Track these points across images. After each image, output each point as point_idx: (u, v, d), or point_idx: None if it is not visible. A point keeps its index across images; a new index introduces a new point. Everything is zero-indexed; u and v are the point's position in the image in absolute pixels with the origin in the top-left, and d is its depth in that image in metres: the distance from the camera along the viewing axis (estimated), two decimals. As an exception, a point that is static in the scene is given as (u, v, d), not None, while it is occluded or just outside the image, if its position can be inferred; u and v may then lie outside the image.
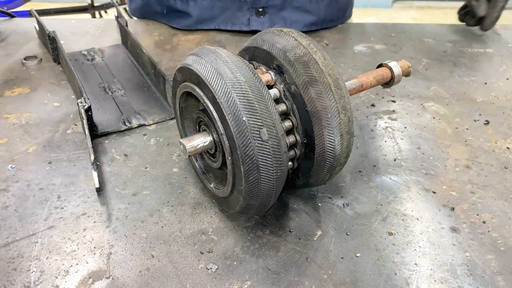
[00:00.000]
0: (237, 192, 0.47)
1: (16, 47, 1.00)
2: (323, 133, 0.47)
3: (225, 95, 0.43)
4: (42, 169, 0.62)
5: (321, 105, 0.47)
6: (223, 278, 0.47)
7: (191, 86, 0.48)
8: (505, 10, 1.01)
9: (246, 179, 0.44)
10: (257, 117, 0.43)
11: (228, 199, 0.51)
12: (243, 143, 0.42)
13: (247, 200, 0.47)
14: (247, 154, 0.43)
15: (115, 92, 0.82)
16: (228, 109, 0.43)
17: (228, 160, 0.46)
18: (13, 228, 0.53)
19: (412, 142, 0.70)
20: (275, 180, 0.45)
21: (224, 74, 0.44)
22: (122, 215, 0.55)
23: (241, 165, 0.43)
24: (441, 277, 0.47)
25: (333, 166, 0.50)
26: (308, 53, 0.48)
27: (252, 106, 0.43)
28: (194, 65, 0.47)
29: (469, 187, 0.60)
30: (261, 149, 0.43)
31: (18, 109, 0.76)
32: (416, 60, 0.97)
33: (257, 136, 0.43)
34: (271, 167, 0.44)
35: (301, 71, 0.47)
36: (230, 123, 0.43)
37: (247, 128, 0.42)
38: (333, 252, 0.50)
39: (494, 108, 0.79)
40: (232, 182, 0.47)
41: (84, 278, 0.47)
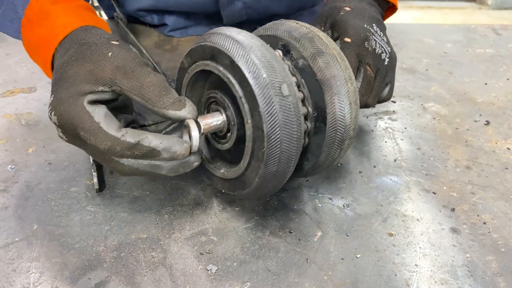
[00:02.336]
0: (256, 160, 0.46)
1: (16, 47, 1.00)
2: (334, 101, 0.48)
3: (243, 57, 0.44)
4: (42, 170, 0.62)
5: (330, 74, 0.48)
6: (223, 279, 0.47)
7: (203, 63, 0.49)
8: (505, 10, 1.00)
9: (268, 138, 0.44)
10: (276, 74, 0.44)
11: (243, 177, 0.49)
12: (265, 100, 0.43)
13: (267, 166, 0.46)
14: (269, 111, 0.43)
15: None
16: (247, 68, 0.44)
17: (247, 125, 0.45)
18: (13, 229, 0.53)
19: (413, 142, 0.70)
20: (295, 140, 0.45)
21: (240, 40, 0.46)
22: (122, 215, 0.55)
23: (263, 124, 0.43)
24: (441, 278, 0.47)
25: (343, 139, 0.50)
26: (312, 31, 0.51)
27: (270, 64, 0.44)
28: (207, 41, 0.48)
29: (470, 188, 0.60)
30: (282, 105, 0.44)
31: (18, 110, 0.76)
32: (416, 60, 0.97)
33: (278, 92, 0.44)
34: (293, 125, 0.44)
35: (308, 45, 0.49)
36: (251, 81, 0.43)
37: (268, 84, 0.43)
38: (333, 253, 0.50)
39: (494, 109, 0.79)
40: (251, 149, 0.46)
41: (84, 278, 0.47)
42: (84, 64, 0.47)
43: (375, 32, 0.62)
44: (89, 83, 0.46)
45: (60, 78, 0.48)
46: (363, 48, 0.60)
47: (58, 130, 0.48)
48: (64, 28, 0.53)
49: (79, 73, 0.47)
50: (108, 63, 0.47)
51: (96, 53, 0.48)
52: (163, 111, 0.46)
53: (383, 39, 0.63)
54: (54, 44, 0.53)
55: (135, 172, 0.47)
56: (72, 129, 0.46)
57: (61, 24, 0.53)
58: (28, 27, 0.57)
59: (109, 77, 0.46)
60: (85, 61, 0.47)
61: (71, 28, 0.52)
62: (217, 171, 0.54)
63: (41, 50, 0.55)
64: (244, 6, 0.93)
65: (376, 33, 0.62)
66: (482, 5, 4.34)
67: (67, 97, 0.46)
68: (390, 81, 0.64)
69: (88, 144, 0.46)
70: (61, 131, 0.48)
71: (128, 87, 0.46)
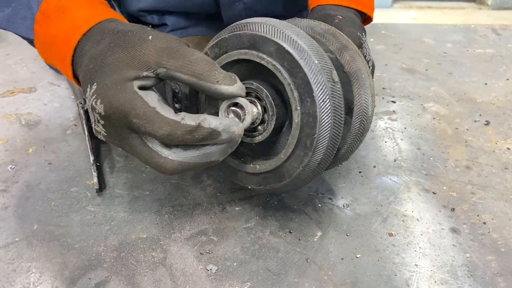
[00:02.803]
0: (302, 148, 0.46)
1: (16, 47, 1.00)
2: (361, 92, 0.49)
3: (292, 44, 0.44)
4: (42, 170, 0.62)
5: (356, 67, 0.50)
6: (223, 279, 0.47)
7: (238, 52, 0.47)
8: (505, 10, 1.01)
9: (320, 124, 0.44)
10: (325, 61, 0.45)
11: (281, 168, 0.48)
12: (319, 85, 0.43)
13: (314, 155, 0.45)
14: (322, 98, 0.43)
15: None
16: (299, 55, 0.44)
17: (295, 112, 0.45)
18: (13, 229, 0.53)
19: (412, 142, 0.70)
20: (341, 126, 0.46)
21: (283, 27, 0.46)
22: (122, 215, 0.55)
23: (316, 109, 0.43)
24: (441, 278, 0.47)
25: (364, 131, 0.51)
26: (331, 28, 0.53)
27: (319, 51, 0.45)
28: (243, 30, 0.47)
29: (470, 188, 0.60)
30: (334, 90, 0.44)
31: (18, 109, 0.76)
32: (416, 60, 0.97)
33: (330, 78, 0.44)
34: (341, 110, 0.45)
35: (333, 39, 0.51)
36: (304, 68, 0.43)
37: (320, 70, 0.44)
38: (333, 253, 0.50)
39: (494, 109, 0.79)
40: (297, 137, 0.45)
41: (84, 278, 0.47)
42: (126, 50, 0.45)
43: (365, 41, 0.64)
44: (133, 68, 0.44)
45: (99, 66, 0.45)
46: None
47: (99, 124, 0.45)
48: (86, 20, 0.50)
49: (121, 59, 0.44)
50: (150, 46, 0.45)
51: (136, 37, 0.46)
52: (215, 86, 0.44)
53: (368, 47, 0.66)
54: (76, 37, 0.50)
55: (185, 167, 0.45)
56: (122, 117, 0.43)
57: (82, 17, 0.51)
58: (43, 22, 0.55)
59: (153, 60, 0.44)
60: (125, 46, 0.45)
61: (94, 20, 0.50)
62: (245, 166, 0.51)
63: (58, 45, 0.53)
64: (244, 7, 0.93)
65: (365, 41, 0.64)
66: (482, 5, 4.34)
67: (113, 84, 0.43)
68: None
69: (142, 133, 0.43)
70: (103, 123, 0.45)
71: (176, 66, 0.44)
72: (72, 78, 0.52)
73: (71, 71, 0.51)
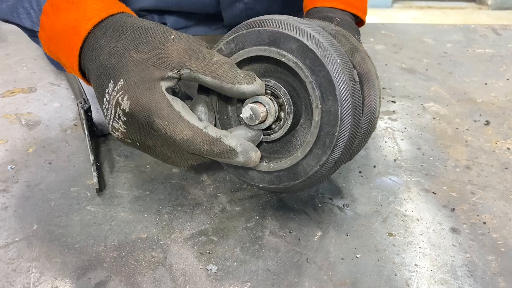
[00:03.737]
0: (320, 147, 0.45)
1: (16, 47, 1.00)
2: (371, 94, 0.49)
3: (314, 42, 0.44)
4: (42, 169, 0.62)
5: (366, 68, 0.50)
6: (223, 279, 0.47)
7: (257, 49, 0.46)
8: (505, 10, 1.01)
9: (341, 122, 0.44)
10: (346, 60, 0.45)
11: (297, 166, 0.48)
12: (342, 84, 0.43)
13: (332, 153, 0.45)
14: (344, 96, 0.43)
15: None
16: (322, 52, 0.43)
17: (316, 110, 0.44)
18: (13, 229, 0.53)
19: (412, 142, 0.70)
20: (360, 125, 0.46)
21: (305, 25, 0.45)
22: (122, 215, 0.55)
23: (338, 107, 0.43)
24: (441, 278, 0.47)
25: (371, 131, 0.51)
26: (341, 29, 0.53)
27: (340, 50, 0.45)
28: (263, 26, 0.47)
29: (470, 188, 0.60)
30: (354, 90, 0.44)
31: (18, 109, 0.76)
32: (416, 60, 0.97)
33: (351, 78, 0.44)
34: (361, 110, 0.45)
35: (344, 40, 0.51)
36: (328, 66, 0.43)
37: (342, 69, 0.43)
38: (333, 253, 0.50)
39: (494, 109, 0.79)
40: (317, 135, 0.45)
41: (84, 278, 0.47)
42: (151, 48, 0.45)
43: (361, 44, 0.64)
44: (159, 68, 0.45)
45: (124, 63, 0.45)
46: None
47: (119, 120, 0.46)
48: (99, 11, 0.50)
49: (146, 57, 0.45)
50: (173, 46, 0.45)
51: (158, 36, 0.46)
52: (237, 86, 0.45)
53: None
54: (86, 28, 0.49)
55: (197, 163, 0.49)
56: (146, 116, 0.44)
57: (95, 8, 0.50)
58: (51, 13, 0.54)
59: (177, 61, 0.45)
60: (149, 45, 0.46)
61: (106, 12, 0.50)
62: (258, 165, 0.50)
63: (67, 36, 0.52)
64: (245, 7, 0.93)
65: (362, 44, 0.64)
66: (482, 5, 4.34)
67: (141, 82, 0.44)
68: None
69: (161, 134, 0.44)
70: (125, 120, 0.45)
71: (199, 68, 0.45)
72: (77, 71, 0.51)
73: (77, 64, 0.51)
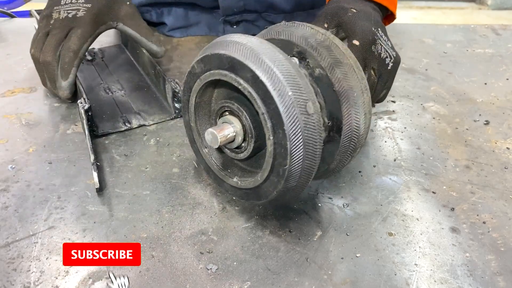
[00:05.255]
0: (276, 175, 0.46)
1: (16, 47, 1.00)
2: (351, 112, 0.48)
3: (267, 73, 0.43)
4: (42, 169, 0.62)
5: (347, 85, 0.48)
6: (223, 279, 0.47)
7: (219, 72, 0.47)
8: (505, 10, 1.01)
9: (291, 156, 0.43)
10: (301, 91, 0.43)
11: (259, 188, 0.49)
12: (291, 119, 0.42)
13: (286, 183, 0.45)
14: (294, 131, 0.42)
15: (115, 92, 0.81)
16: (272, 85, 0.42)
17: (269, 141, 0.44)
18: (13, 228, 0.53)
19: (412, 142, 0.70)
20: (317, 157, 0.45)
21: (262, 53, 0.44)
22: (122, 215, 0.55)
23: (287, 142, 0.43)
24: (441, 277, 0.47)
25: (356, 148, 0.50)
26: (328, 38, 0.50)
27: (295, 81, 0.43)
28: (224, 50, 0.46)
29: (469, 188, 0.60)
30: (307, 123, 0.43)
31: (18, 109, 0.76)
32: (416, 60, 0.97)
33: (304, 111, 0.43)
34: (316, 143, 0.44)
35: (326, 54, 0.48)
36: (276, 99, 0.42)
37: (294, 102, 0.42)
38: (333, 253, 0.50)
39: (494, 108, 0.79)
40: (271, 164, 0.46)
41: (84, 278, 0.47)
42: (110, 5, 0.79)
43: (381, 36, 0.61)
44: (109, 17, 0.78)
45: None
46: (370, 52, 0.60)
47: None
48: None
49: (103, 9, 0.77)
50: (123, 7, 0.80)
51: None
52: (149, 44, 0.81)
53: (388, 43, 0.63)
54: None
55: None
56: None
57: None
58: None
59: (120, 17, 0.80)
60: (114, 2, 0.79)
61: None
62: (229, 179, 0.53)
63: None
64: None
65: (382, 38, 0.61)
66: (482, 5, 4.34)
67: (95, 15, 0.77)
68: (388, 86, 0.65)
69: None
70: None
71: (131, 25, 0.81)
72: None
73: None
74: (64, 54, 0.73)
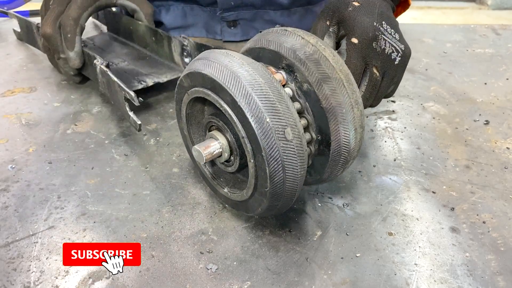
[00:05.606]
0: (259, 194, 0.47)
1: (16, 47, 1.00)
2: (339, 129, 0.47)
3: (246, 98, 0.42)
4: (42, 169, 0.62)
5: (335, 101, 0.47)
6: (223, 278, 0.47)
7: (203, 91, 0.47)
8: (505, 10, 1.01)
9: (271, 180, 0.44)
10: (280, 117, 0.42)
11: (247, 203, 0.50)
12: (268, 145, 0.42)
13: (271, 202, 0.46)
14: (272, 156, 0.42)
15: (118, 64, 0.83)
16: (250, 111, 0.42)
17: (250, 163, 0.45)
18: (13, 228, 0.53)
19: (412, 142, 0.70)
20: (299, 179, 0.45)
21: (242, 76, 0.43)
22: (122, 215, 0.55)
23: (266, 167, 0.43)
24: (441, 277, 0.47)
25: (347, 161, 0.50)
26: (318, 50, 0.48)
27: (274, 106, 0.42)
28: (206, 70, 0.46)
29: (469, 187, 0.60)
30: (286, 149, 0.42)
31: (18, 109, 0.76)
32: (416, 60, 0.97)
33: (282, 137, 0.42)
34: (296, 167, 0.44)
35: (314, 69, 0.47)
36: (254, 125, 0.42)
37: (272, 129, 0.42)
38: (333, 252, 0.50)
39: (494, 108, 0.79)
40: (254, 184, 0.46)
41: (84, 278, 0.47)
42: None
43: (384, 31, 0.58)
44: None
45: None
46: (370, 50, 0.57)
47: None
48: None
49: None
50: None
51: None
52: None
53: (394, 36, 0.59)
54: None
55: None
56: None
57: None
58: None
59: None
60: None
61: None
62: (220, 188, 0.54)
63: None
64: None
65: (386, 31, 0.58)
66: (482, 5, 4.34)
67: None
68: (397, 81, 0.62)
69: None
70: None
71: None
72: None
73: None
74: (64, 23, 0.73)
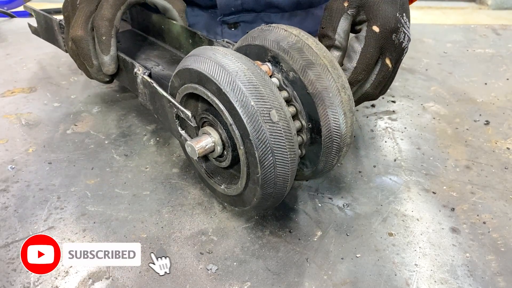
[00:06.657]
0: (252, 183, 0.47)
1: (16, 47, 1.00)
2: (327, 113, 0.47)
3: (230, 84, 0.43)
4: (42, 170, 0.62)
5: (321, 86, 0.47)
6: (223, 279, 0.47)
7: (191, 86, 0.49)
8: (505, 10, 1.01)
9: (261, 165, 0.44)
10: (264, 101, 0.43)
11: (242, 195, 0.50)
12: (255, 128, 0.43)
13: (264, 189, 0.46)
14: (260, 139, 0.43)
15: (152, 68, 0.73)
16: (235, 96, 0.43)
17: (240, 151, 0.45)
18: (13, 228, 0.53)
19: (412, 142, 0.70)
20: (289, 162, 0.45)
21: (226, 65, 0.45)
22: (122, 215, 0.55)
23: (255, 151, 0.43)
24: (441, 277, 0.47)
25: (341, 147, 0.50)
26: (300, 40, 0.49)
27: (258, 90, 0.43)
28: (193, 65, 0.47)
29: (469, 188, 0.60)
30: (272, 131, 0.43)
31: (18, 109, 0.76)
32: (416, 60, 0.97)
33: (268, 119, 0.43)
34: (285, 149, 0.44)
35: (297, 57, 0.48)
36: (239, 110, 0.43)
37: (257, 112, 0.43)
38: (333, 253, 0.50)
39: (494, 109, 0.79)
40: (246, 173, 0.47)
41: (84, 278, 0.47)
42: None
43: (404, 23, 0.56)
44: None
45: None
46: (389, 41, 0.55)
47: None
48: None
49: None
50: None
51: None
52: None
53: (409, 29, 0.58)
54: None
55: None
56: None
57: None
58: None
59: None
60: None
61: None
62: (217, 186, 0.54)
63: None
64: None
65: (406, 24, 0.57)
66: (482, 5, 4.34)
67: None
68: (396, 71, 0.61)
69: None
70: None
71: None
72: None
73: None
74: (98, 24, 0.64)
